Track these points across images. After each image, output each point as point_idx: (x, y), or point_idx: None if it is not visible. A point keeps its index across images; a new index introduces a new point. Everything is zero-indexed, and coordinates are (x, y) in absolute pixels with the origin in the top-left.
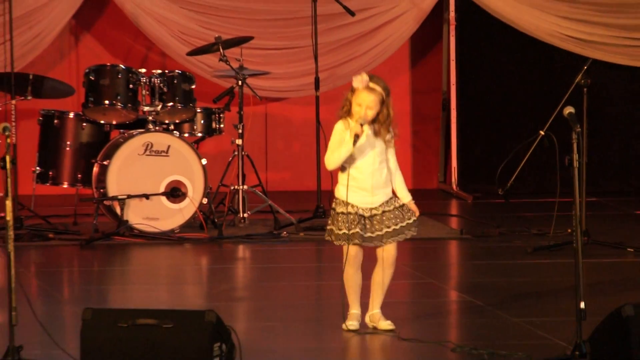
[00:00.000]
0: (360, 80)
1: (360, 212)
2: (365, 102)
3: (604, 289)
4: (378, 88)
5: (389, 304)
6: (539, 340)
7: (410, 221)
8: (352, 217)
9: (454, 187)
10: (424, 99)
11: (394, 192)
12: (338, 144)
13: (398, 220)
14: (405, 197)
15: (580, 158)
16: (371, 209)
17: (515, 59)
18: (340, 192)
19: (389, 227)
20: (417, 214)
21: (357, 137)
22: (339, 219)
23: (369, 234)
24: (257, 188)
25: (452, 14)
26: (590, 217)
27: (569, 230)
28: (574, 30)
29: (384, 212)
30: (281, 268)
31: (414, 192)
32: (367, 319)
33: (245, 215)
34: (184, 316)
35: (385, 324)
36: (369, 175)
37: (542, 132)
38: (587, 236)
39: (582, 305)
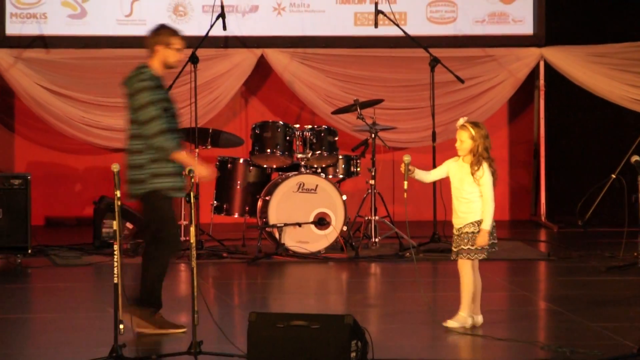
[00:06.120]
0: (458, 122)
1: (456, 232)
2: (458, 136)
3: None
4: (468, 126)
5: (492, 311)
6: (611, 341)
7: (472, 247)
8: (454, 237)
9: (543, 218)
10: (519, 148)
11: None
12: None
13: (462, 243)
14: (483, 224)
15: None
16: (458, 228)
17: (592, 117)
18: None
19: (460, 245)
20: (477, 244)
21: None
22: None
23: (457, 250)
24: (386, 218)
25: (542, 82)
26: None
27: (635, 254)
28: (639, 95)
29: (463, 232)
30: (404, 282)
31: (511, 223)
32: None
33: (377, 239)
34: (328, 319)
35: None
36: (454, 201)
37: (613, 175)
38: None
39: None
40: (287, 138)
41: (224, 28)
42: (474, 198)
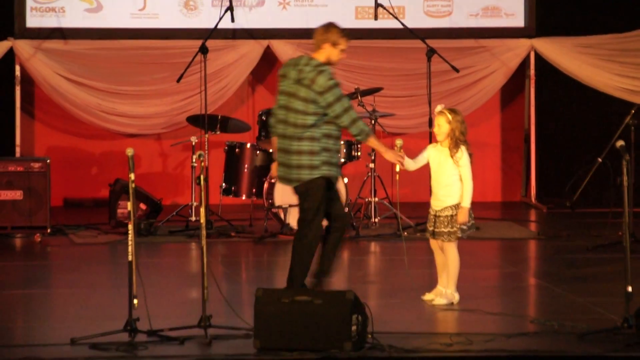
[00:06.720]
0: (436, 109)
1: (433, 212)
2: (436, 121)
3: None
4: (445, 111)
5: (484, 287)
6: (596, 315)
7: (452, 229)
8: (430, 216)
9: (533, 200)
10: (511, 134)
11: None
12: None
13: (442, 226)
14: (463, 202)
15: (629, 179)
16: (437, 210)
17: (580, 104)
18: None
19: (439, 228)
20: (458, 221)
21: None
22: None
23: (434, 230)
24: (385, 200)
25: (532, 71)
26: (636, 223)
27: (620, 233)
28: (624, 83)
29: (442, 216)
30: (402, 260)
31: (502, 204)
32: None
33: (376, 220)
34: (330, 295)
35: (430, 297)
36: (434, 184)
37: (600, 159)
38: (634, 237)
39: (630, 289)
40: None
41: (232, 20)
42: (452, 181)
